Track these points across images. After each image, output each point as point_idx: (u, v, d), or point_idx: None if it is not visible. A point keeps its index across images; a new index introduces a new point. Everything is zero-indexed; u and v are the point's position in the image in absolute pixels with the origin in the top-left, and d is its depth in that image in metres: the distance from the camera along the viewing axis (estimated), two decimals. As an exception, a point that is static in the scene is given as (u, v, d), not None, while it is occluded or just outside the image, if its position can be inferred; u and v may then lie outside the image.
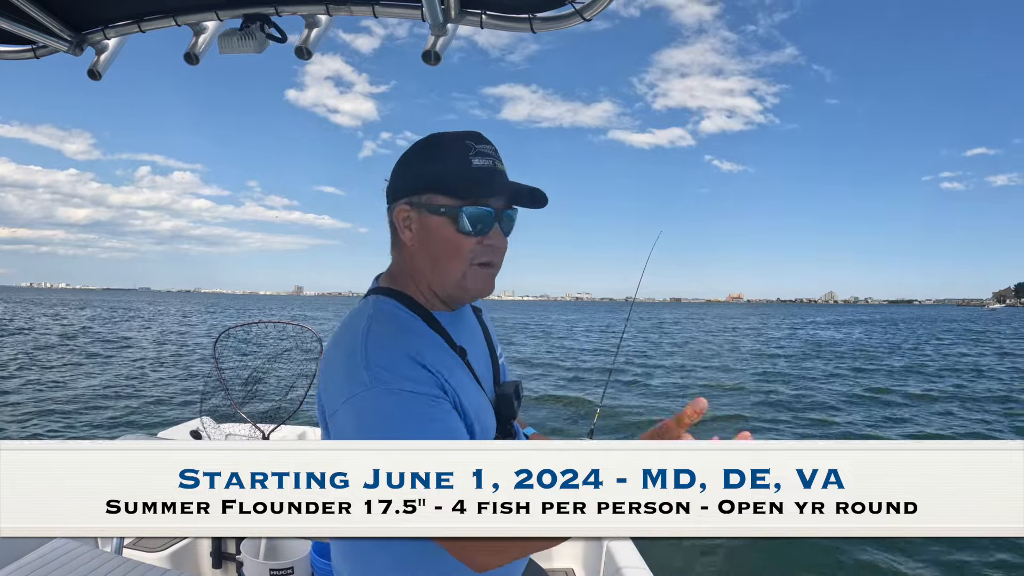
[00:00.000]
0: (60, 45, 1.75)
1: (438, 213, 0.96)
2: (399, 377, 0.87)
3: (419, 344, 0.93)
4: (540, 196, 1.00)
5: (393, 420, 0.85)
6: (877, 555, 4.49)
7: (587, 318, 60.38)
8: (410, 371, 0.88)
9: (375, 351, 0.89)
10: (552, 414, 9.65)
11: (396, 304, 1.00)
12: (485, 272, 0.99)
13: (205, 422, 3.36)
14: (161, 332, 26.68)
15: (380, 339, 0.91)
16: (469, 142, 0.97)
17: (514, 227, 1.03)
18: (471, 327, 1.12)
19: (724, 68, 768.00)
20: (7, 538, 0.77)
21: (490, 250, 0.98)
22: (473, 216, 0.95)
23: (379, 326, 0.94)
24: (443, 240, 0.97)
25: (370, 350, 0.89)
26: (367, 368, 0.87)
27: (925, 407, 10.61)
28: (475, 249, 0.97)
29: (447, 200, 0.96)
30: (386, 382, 0.86)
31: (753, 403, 10.76)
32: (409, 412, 0.86)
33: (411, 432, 0.85)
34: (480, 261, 0.98)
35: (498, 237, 0.99)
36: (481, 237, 0.97)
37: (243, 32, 1.61)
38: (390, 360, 0.88)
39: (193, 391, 10.66)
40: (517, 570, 1.11)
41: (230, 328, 3.37)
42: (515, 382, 1.11)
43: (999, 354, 21.33)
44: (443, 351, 0.98)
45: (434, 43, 1.56)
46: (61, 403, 9.70)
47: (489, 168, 0.97)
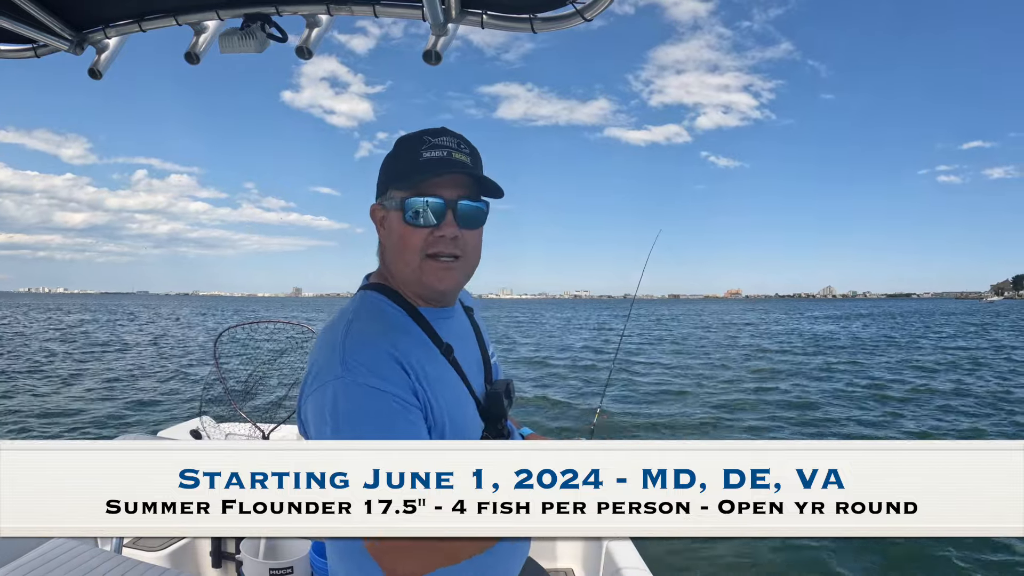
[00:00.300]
0: (61, 44, 1.75)
1: (393, 207, 0.98)
2: (370, 373, 0.87)
3: (401, 340, 0.94)
4: (490, 185, 0.98)
5: (355, 412, 0.86)
6: (877, 555, 4.49)
7: (582, 315, 60.44)
8: (384, 369, 0.88)
9: (353, 345, 0.90)
10: (551, 415, 9.65)
11: (383, 299, 1.01)
12: (439, 264, 0.97)
13: (205, 422, 3.36)
14: (160, 333, 26.69)
15: (361, 334, 0.92)
16: (426, 137, 0.97)
17: (485, 219, 1.00)
18: (461, 326, 1.12)
19: (720, 64, 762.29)
20: (7, 537, 0.77)
21: (442, 241, 0.96)
22: (417, 205, 0.94)
23: (362, 322, 0.95)
24: (396, 232, 0.98)
25: (348, 343, 0.90)
26: (342, 361, 0.88)
27: (923, 401, 10.61)
28: (427, 240, 0.96)
29: (399, 193, 0.97)
30: (355, 374, 0.87)
31: (751, 403, 10.77)
32: (370, 409, 0.86)
33: (368, 429, 0.85)
34: (431, 252, 0.96)
35: (450, 227, 0.96)
36: (432, 228, 0.95)
37: (244, 32, 1.61)
38: (366, 355, 0.89)
39: (193, 391, 10.67)
40: (514, 570, 1.11)
41: (230, 328, 3.37)
42: (506, 381, 1.11)
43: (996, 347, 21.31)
44: (425, 347, 0.98)
45: (435, 43, 1.56)
46: (61, 403, 9.71)
47: (439, 158, 0.95)
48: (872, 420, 9.35)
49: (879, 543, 4.49)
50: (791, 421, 9.23)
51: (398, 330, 0.97)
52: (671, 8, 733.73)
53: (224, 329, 3.37)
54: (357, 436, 0.85)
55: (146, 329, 30.29)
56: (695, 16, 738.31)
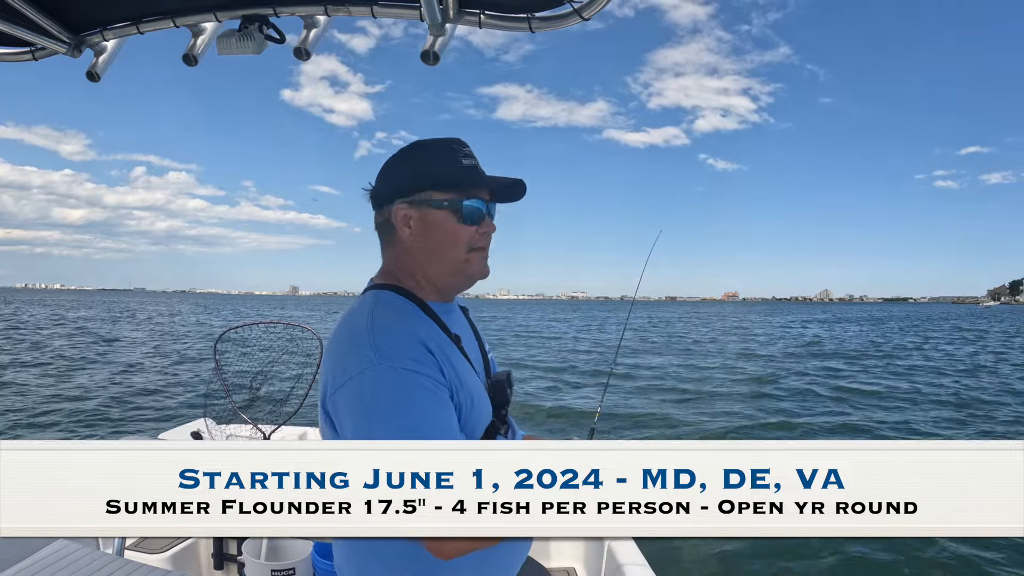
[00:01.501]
0: (59, 47, 1.75)
1: (440, 207, 1.06)
2: (404, 357, 0.91)
3: (421, 327, 1.00)
4: (521, 187, 1.12)
5: (396, 396, 0.89)
6: (877, 555, 4.49)
7: (580, 316, 60.43)
8: (415, 352, 0.93)
9: (381, 333, 0.94)
10: (550, 416, 9.65)
11: (394, 295, 1.07)
12: (481, 256, 1.11)
13: (206, 423, 3.36)
14: (160, 334, 26.70)
15: (385, 323, 0.97)
16: (455, 146, 1.08)
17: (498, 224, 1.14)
18: (461, 321, 1.19)
19: (718, 67, 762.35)
20: (8, 540, 0.78)
21: (485, 237, 1.10)
22: (472, 207, 1.07)
23: (383, 312, 1.00)
24: (447, 231, 1.06)
25: (376, 332, 0.94)
26: (373, 347, 0.92)
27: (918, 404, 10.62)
28: (473, 236, 1.08)
29: (446, 195, 1.06)
30: (391, 360, 0.90)
31: (749, 400, 10.77)
32: (412, 390, 0.90)
33: (413, 411, 0.88)
34: (477, 246, 1.09)
35: (489, 224, 1.10)
36: (478, 226, 1.08)
37: (242, 33, 1.61)
38: (396, 341, 0.93)
39: (193, 392, 10.67)
40: (513, 569, 1.12)
41: (231, 328, 3.37)
42: (507, 371, 1.19)
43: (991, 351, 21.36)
44: (441, 336, 1.04)
45: (433, 43, 1.56)
46: (61, 404, 9.71)
47: (475, 167, 1.09)
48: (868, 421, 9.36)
49: (879, 543, 4.49)
50: (788, 420, 9.23)
51: (418, 319, 1.03)
52: (670, 11, 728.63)
53: (225, 330, 3.37)
54: (403, 420, 0.88)
55: (144, 327, 30.29)
56: (694, 19, 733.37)
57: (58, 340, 20.99)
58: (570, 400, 10.64)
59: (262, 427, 3.05)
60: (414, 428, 0.88)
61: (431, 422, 0.90)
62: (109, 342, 21.01)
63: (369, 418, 0.89)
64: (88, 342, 20.59)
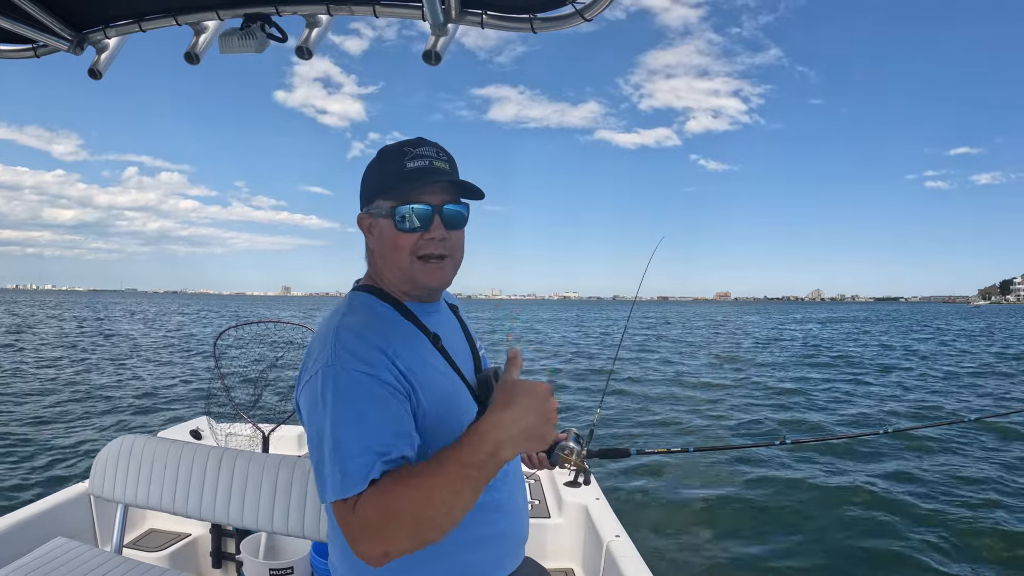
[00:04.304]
0: (61, 44, 1.75)
1: (383, 215, 1.06)
2: (355, 359, 0.94)
3: (388, 332, 1.02)
4: (472, 189, 1.08)
5: (344, 394, 0.91)
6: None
7: (572, 317, 60.32)
8: (368, 356, 0.95)
9: (343, 336, 0.97)
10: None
11: (371, 297, 1.10)
12: (430, 265, 1.07)
13: (206, 422, 3.36)
14: (159, 333, 26.68)
15: (349, 328, 0.99)
16: (407, 148, 1.06)
17: (467, 221, 1.11)
18: (448, 320, 1.20)
19: (709, 69, 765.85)
20: (8, 537, 0.78)
21: (432, 243, 1.06)
22: (407, 213, 1.04)
23: (351, 317, 1.03)
24: (388, 239, 1.07)
25: (339, 335, 0.97)
26: (332, 351, 0.95)
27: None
28: (418, 244, 1.05)
29: (388, 202, 1.06)
30: (343, 362, 0.93)
31: (744, 400, 10.78)
32: (358, 390, 0.92)
33: (358, 407, 0.91)
34: (422, 254, 1.06)
35: (438, 230, 1.06)
36: (422, 232, 1.05)
37: (244, 32, 1.61)
38: (352, 345, 0.96)
39: (194, 392, 10.67)
40: (510, 567, 1.13)
41: (230, 328, 3.37)
42: (495, 367, 1.19)
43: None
44: (414, 337, 1.06)
45: (435, 43, 1.56)
46: (61, 403, 9.71)
47: (423, 168, 1.05)
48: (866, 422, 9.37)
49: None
50: (786, 419, 9.24)
51: (386, 323, 1.05)
52: (662, 14, 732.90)
53: (224, 329, 3.37)
54: (349, 415, 0.90)
55: (140, 328, 30.26)
56: (686, 22, 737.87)
57: (57, 345, 20.95)
58: (569, 399, 10.64)
59: (261, 426, 3.05)
60: (351, 425, 0.90)
61: (371, 421, 0.91)
62: (108, 342, 20.99)
63: (322, 412, 0.92)
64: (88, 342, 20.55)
